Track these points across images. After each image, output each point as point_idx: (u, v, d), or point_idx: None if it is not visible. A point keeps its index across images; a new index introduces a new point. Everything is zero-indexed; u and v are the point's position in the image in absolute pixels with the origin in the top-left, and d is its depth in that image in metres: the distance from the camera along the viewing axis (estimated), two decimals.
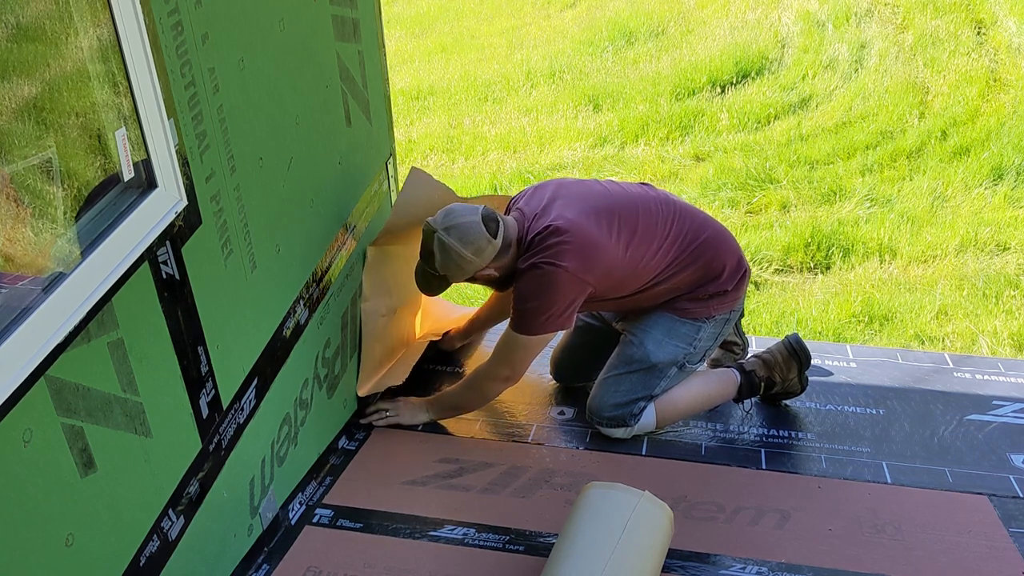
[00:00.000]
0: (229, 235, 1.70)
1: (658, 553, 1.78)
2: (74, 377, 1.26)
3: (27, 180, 1.19)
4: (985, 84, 5.55)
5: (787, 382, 2.40)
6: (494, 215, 2.12)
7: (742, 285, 2.33)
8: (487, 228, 2.08)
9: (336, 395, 2.34)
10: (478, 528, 2.02)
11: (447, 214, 2.11)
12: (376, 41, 2.49)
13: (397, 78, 6.71)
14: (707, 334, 2.31)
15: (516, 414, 2.50)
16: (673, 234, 2.22)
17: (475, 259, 2.09)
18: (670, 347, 2.28)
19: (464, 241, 2.07)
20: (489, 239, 2.08)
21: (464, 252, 2.07)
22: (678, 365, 2.31)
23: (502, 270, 2.18)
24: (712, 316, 2.29)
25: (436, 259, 2.10)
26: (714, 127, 5.47)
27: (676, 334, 2.29)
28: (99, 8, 1.28)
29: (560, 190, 2.25)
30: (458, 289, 3.94)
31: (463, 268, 2.11)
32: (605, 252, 2.12)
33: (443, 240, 2.07)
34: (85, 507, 1.32)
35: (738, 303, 2.35)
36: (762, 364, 2.39)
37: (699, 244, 2.24)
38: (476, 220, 2.08)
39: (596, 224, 2.13)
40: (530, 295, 2.12)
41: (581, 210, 2.16)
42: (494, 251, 2.11)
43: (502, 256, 2.14)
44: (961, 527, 1.99)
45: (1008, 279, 3.69)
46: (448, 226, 2.08)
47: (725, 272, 2.27)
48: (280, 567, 1.90)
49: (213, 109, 1.60)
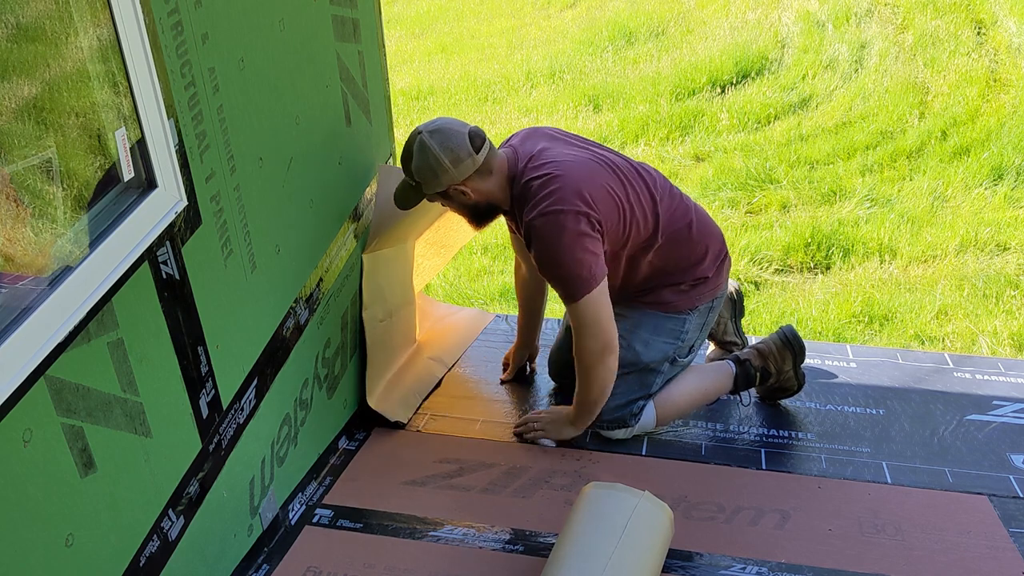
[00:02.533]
0: (229, 235, 1.70)
1: (658, 553, 1.78)
2: (74, 377, 1.26)
3: (27, 180, 1.19)
4: (985, 84, 5.55)
5: (782, 374, 2.38)
6: (483, 135, 2.09)
7: (722, 271, 2.32)
8: (472, 142, 2.04)
9: (336, 395, 2.35)
10: (478, 528, 2.02)
11: (436, 120, 2.09)
12: (376, 41, 2.49)
13: (397, 78, 6.72)
14: (693, 326, 2.31)
15: (516, 414, 2.50)
16: (663, 207, 2.20)
17: (451, 169, 2.05)
18: (659, 345, 2.28)
19: (444, 146, 2.03)
20: (471, 152, 2.04)
21: (441, 157, 2.03)
22: (669, 360, 2.31)
23: (479, 195, 2.13)
24: (695, 307, 2.29)
25: (413, 161, 2.07)
26: (714, 127, 5.47)
27: (662, 331, 2.29)
28: (99, 8, 1.28)
29: (556, 136, 2.22)
30: (457, 289, 3.94)
31: (437, 176, 2.06)
32: (602, 192, 2.09)
33: (424, 141, 2.04)
34: (85, 507, 1.32)
35: (720, 290, 2.34)
36: (756, 354, 2.39)
37: (685, 223, 2.23)
38: (462, 131, 2.05)
39: (591, 169, 2.11)
40: (552, 253, 2.06)
41: (576, 157, 2.13)
42: (472, 167, 2.06)
43: (481, 179, 2.10)
44: (961, 527, 1.99)
45: (1008, 279, 3.69)
46: (433, 129, 2.05)
47: (708, 256, 2.26)
48: (280, 567, 1.90)
49: (213, 109, 1.60)
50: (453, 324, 2.99)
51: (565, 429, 2.31)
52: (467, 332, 2.95)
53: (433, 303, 3.14)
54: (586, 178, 2.08)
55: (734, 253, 4.02)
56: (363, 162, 2.42)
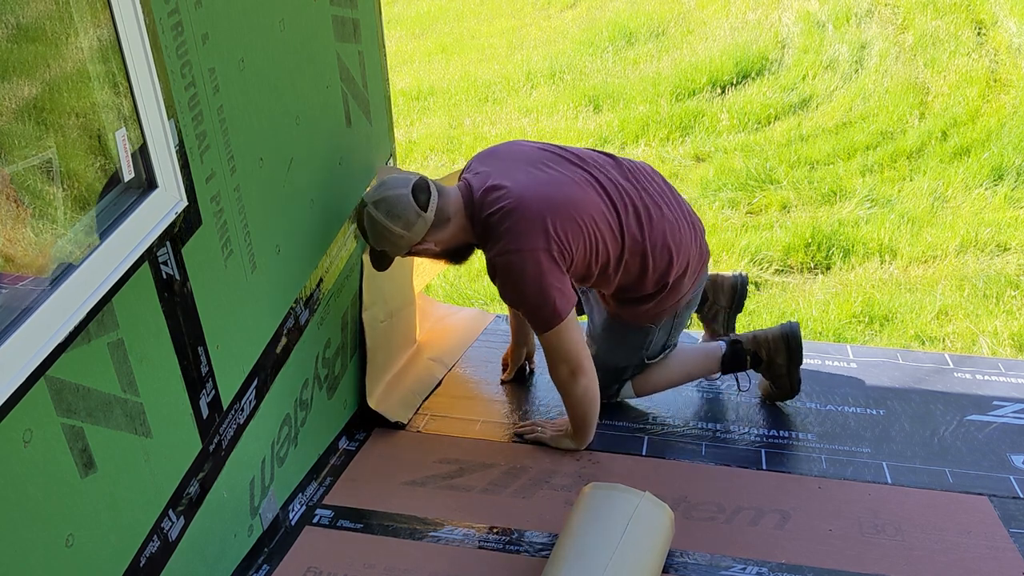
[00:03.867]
0: (229, 235, 1.70)
1: (659, 554, 1.78)
2: (74, 377, 1.26)
3: (27, 180, 1.19)
4: (985, 84, 5.55)
5: (774, 365, 2.36)
6: (426, 186, 2.04)
7: (690, 281, 2.26)
8: (417, 200, 2.01)
9: (336, 395, 2.34)
10: (478, 529, 2.02)
11: (379, 186, 2.06)
12: (376, 41, 2.49)
13: (397, 78, 6.71)
14: (658, 336, 2.34)
15: (516, 414, 2.50)
16: (643, 224, 2.13)
17: (405, 233, 2.03)
18: (622, 352, 2.33)
19: (391, 215, 2.01)
20: (419, 212, 2.01)
21: (392, 227, 2.02)
22: (635, 364, 2.36)
23: (443, 244, 2.11)
24: (658, 321, 2.29)
25: (368, 235, 2.07)
26: (714, 127, 5.46)
27: (626, 342, 2.33)
28: (99, 8, 1.28)
29: (516, 155, 2.16)
30: (458, 289, 3.94)
31: (395, 243, 2.06)
32: (566, 216, 2.02)
33: (371, 214, 2.03)
34: (85, 507, 1.32)
35: (688, 296, 2.29)
36: (752, 338, 2.39)
37: (662, 244, 2.15)
38: (405, 193, 2.01)
39: (550, 194, 2.04)
40: (515, 293, 2.07)
41: (534, 180, 2.06)
42: (425, 225, 2.04)
43: (438, 230, 2.07)
44: (961, 527, 1.99)
45: (1008, 279, 3.69)
46: (376, 199, 2.03)
47: (673, 271, 2.19)
48: (280, 567, 1.90)
49: (213, 109, 1.60)
50: (453, 324, 2.99)
51: (565, 441, 2.32)
52: (467, 332, 2.95)
53: (433, 303, 3.14)
54: (546, 206, 2.02)
55: (734, 253, 4.01)
56: (363, 162, 2.42)
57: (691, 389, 2.55)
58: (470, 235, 2.13)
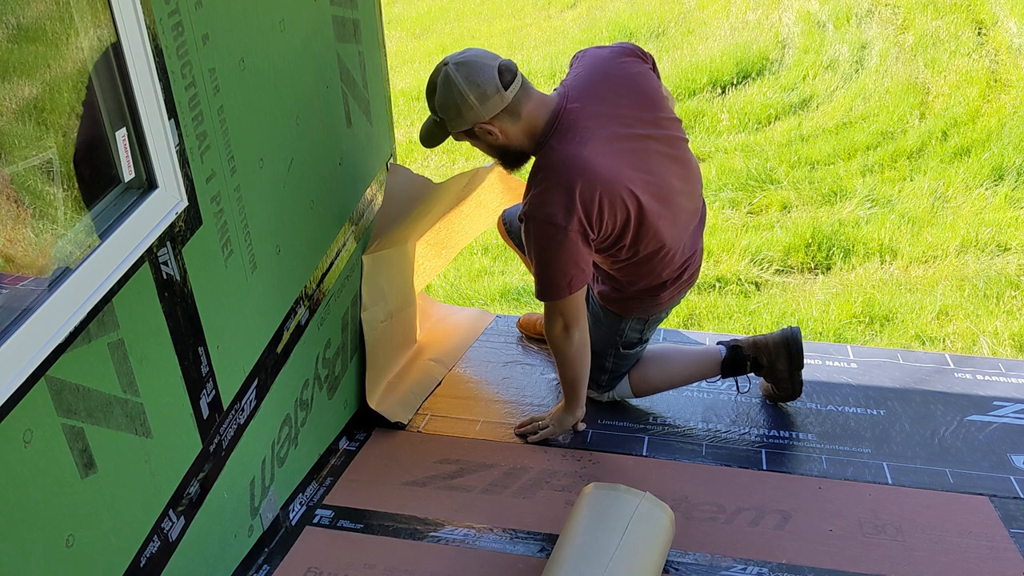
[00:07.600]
0: (229, 236, 1.70)
1: (659, 554, 1.78)
2: (74, 378, 1.26)
3: (27, 181, 1.19)
4: (986, 85, 5.55)
5: (775, 370, 2.36)
6: (514, 69, 1.91)
7: (674, 290, 2.25)
8: (501, 77, 1.88)
9: (336, 396, 2.35)
10: (478, 529, 2.02)
11: (466, 50, 1.92)
12: (377, 41, 2.49)
13: (398, 79, 6.71)
14: (631, 328, 2.33)
15: (516, 414, 2.50)
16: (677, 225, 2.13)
17: (476, 105, 1.89)
18: (597, 334, 2.30)
19: (470, 80, 1.87)
20: (499, 88, 1.87)
21: (467, 92, 1.87)
22: (613, 354, 2.37)
23: (507, 137, 1.96)
24: (630, 315, 2.30)
25: (436, 95, 1.93)
26: (714, 127, 5.47)
27: (600, 323, 2.33)
28: (99, 9, 1.28)
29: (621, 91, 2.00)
30: (458, 289, 3.94)
31: (462, 113, 1.91)
32: (617, 198, 1.93)
33: (449, 74, 1.88)
34: (85, 508, 1.32)
35: (662, 309, 2.31)
36: (752, 344, 2.38)
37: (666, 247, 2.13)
38: (491, 65, 1.88)
39: (619, 167, 1.92)
40: (538, 257, 2.00)
41: (612, 136, 1.92)
42: (501, 104, 1.89)
43: (509, 120, 1.93)
44: (962, 528, 1.99)
45: (1009, 280, 3.69)
46: (460, 61, 1.89)
47: (666, 274, 2.19)
48: (280, 568, 1.90)
49: (214, 110, 1.60)
50: (454, 325, 2.99)
51: (565, 419, 2.33)
52: (468, 333, 2.95)
53: (434, 303, 3.14)
54: (607, 178, 1.91)
55: (734, 254, 4.01)
56: (363, 163, 2.42)
57: (691, 389, 2.55)
58: (530, 148, 2.00)
